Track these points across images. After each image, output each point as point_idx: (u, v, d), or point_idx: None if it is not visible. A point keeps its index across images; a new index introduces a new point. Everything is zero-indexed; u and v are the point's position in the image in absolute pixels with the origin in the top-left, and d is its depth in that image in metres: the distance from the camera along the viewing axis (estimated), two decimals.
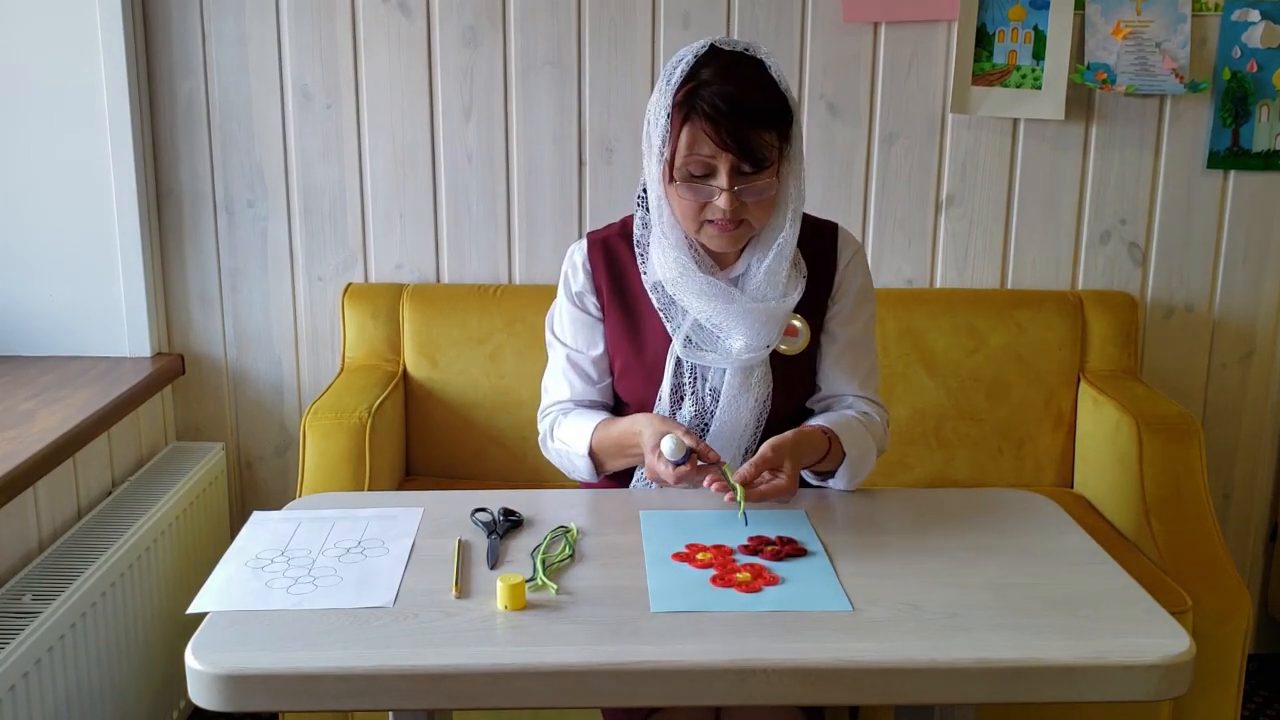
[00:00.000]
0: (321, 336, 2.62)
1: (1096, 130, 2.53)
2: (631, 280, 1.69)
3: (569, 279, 1.72)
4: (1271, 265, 2.59)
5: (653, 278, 1.65)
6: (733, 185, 1.52)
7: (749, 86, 1.52)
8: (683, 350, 1.64)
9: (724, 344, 1.63)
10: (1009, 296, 2.54)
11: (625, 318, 1.70)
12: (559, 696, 1.20)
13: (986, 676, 1.20)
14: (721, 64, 1.53)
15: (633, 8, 2.46)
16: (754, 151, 1.52)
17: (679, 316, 1.64)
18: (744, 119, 1.50)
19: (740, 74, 1.52)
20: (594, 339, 1.71)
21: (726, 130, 1.50)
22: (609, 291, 1.70)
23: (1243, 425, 2.67)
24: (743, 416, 1.65)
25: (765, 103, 1.53)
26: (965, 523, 1.55)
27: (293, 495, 2.31)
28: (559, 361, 1.74)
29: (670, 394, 1.66)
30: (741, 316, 1.60)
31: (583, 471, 1.69)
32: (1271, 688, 2.66)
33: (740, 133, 1.50)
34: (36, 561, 1.99)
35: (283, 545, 1.47)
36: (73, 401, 2.19)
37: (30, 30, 2.35)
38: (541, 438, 1.75)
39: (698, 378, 1.66)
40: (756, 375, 1.64)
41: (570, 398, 1.72)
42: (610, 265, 1.70)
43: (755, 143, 1.51)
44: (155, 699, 2.24)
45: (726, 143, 1.50)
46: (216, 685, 1.18)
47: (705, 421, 1.66)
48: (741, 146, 1.51)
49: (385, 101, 2.51)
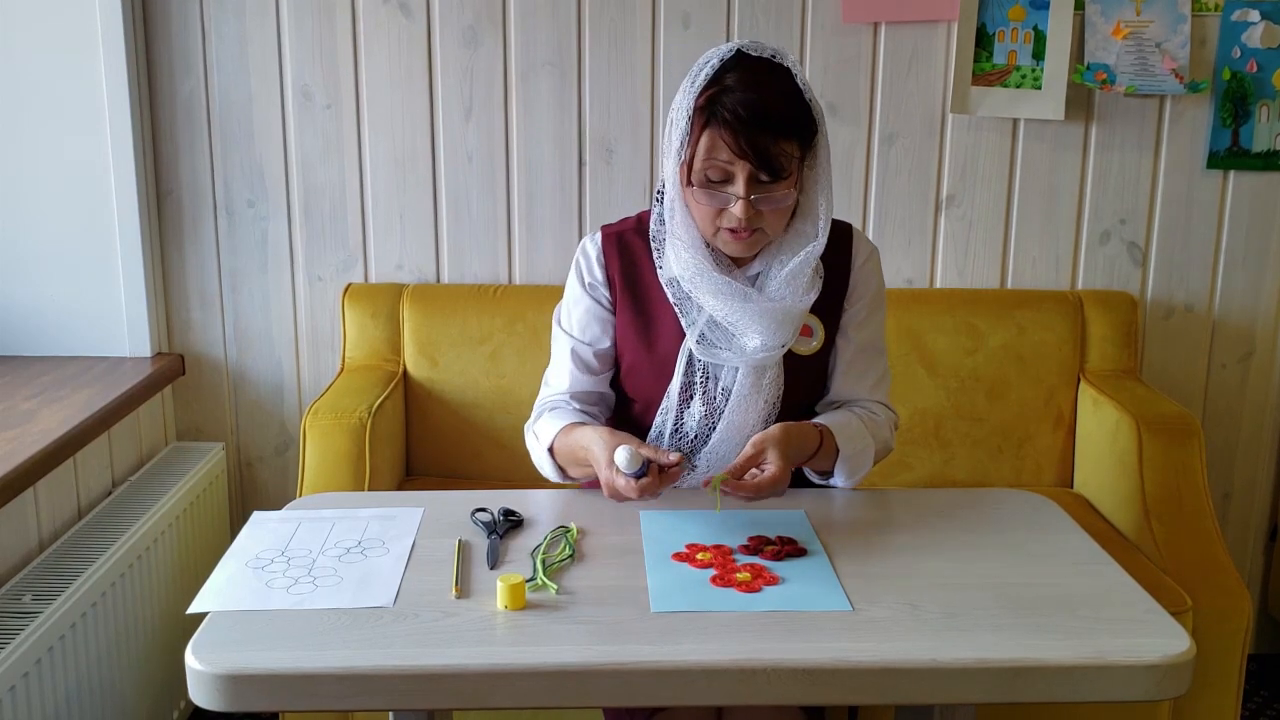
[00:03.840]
0: (321, 337, 2.62)
1: (1096, 130, 2.53)
2: (646, 275, 1.68)
3: (581, 269, 1.71)
4: (1271, 265, 2.59)
5: (668, 273, 1.64)
6: (749, 194, 1.51)
7: (772, 95, 1.50)
8: (697, 347, 1.62)
9: (739, 342, 1.61)
10: (1009, 296, 2.54)
11: (637, 313, 1.68)
12: (559, 696, 1.20)
13: (986, 676, 1.21)
14: (747, 70, 1.51)
15: (633, 8, 2.47)
16: (772, 161, 1.50)
17: (694, 313, 1.63)
18: (764, 128, 1.49)
19: (764, 82, 1.50)
20: (603, 331, 1.70)
21: (745, 139, 1.48)
22: (622, 285, 1.68)
23: (1243, 425, 2.67)
24: (751, 417, 1.64)
25: (787, 112, 1.51)
26: (965, 523, 1.55)
27: (293, 495, 2.31)
28: (563, 352, 1.72)
29: (680, 391, 1.65)
30: (758, 316, 1.59)
31: (548, 469, 1.67)
32: (1272, 688, 2.66)
33: (759, 142, 1.49)
34: (36, 562, 1.99)
35: (283, 545, 1.47)
36: (73, 401, 2.19)
37: (30, 30, 2.35)
38: (527, 428, 1.73)
39: (709, 376, 1.64)
40: (769, 376, 1.63)
41: (568, 389, 1.70)
42: (624, 259, 1.69)
43: (774, 152, 1.50)
44: (155, 699, 2.24)
45: (745, 151, 1.49)
46: (217, 685, 1.18)
47: (714, 421, 1.65)
48: (760, 156, 1.49)
49: (385, 102, 2.51)
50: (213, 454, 2.53)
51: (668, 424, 1.66)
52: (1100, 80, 2.46)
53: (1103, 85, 2.46)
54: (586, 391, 1.71)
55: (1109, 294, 2.57)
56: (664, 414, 1.67)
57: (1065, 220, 2.57)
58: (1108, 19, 2.45)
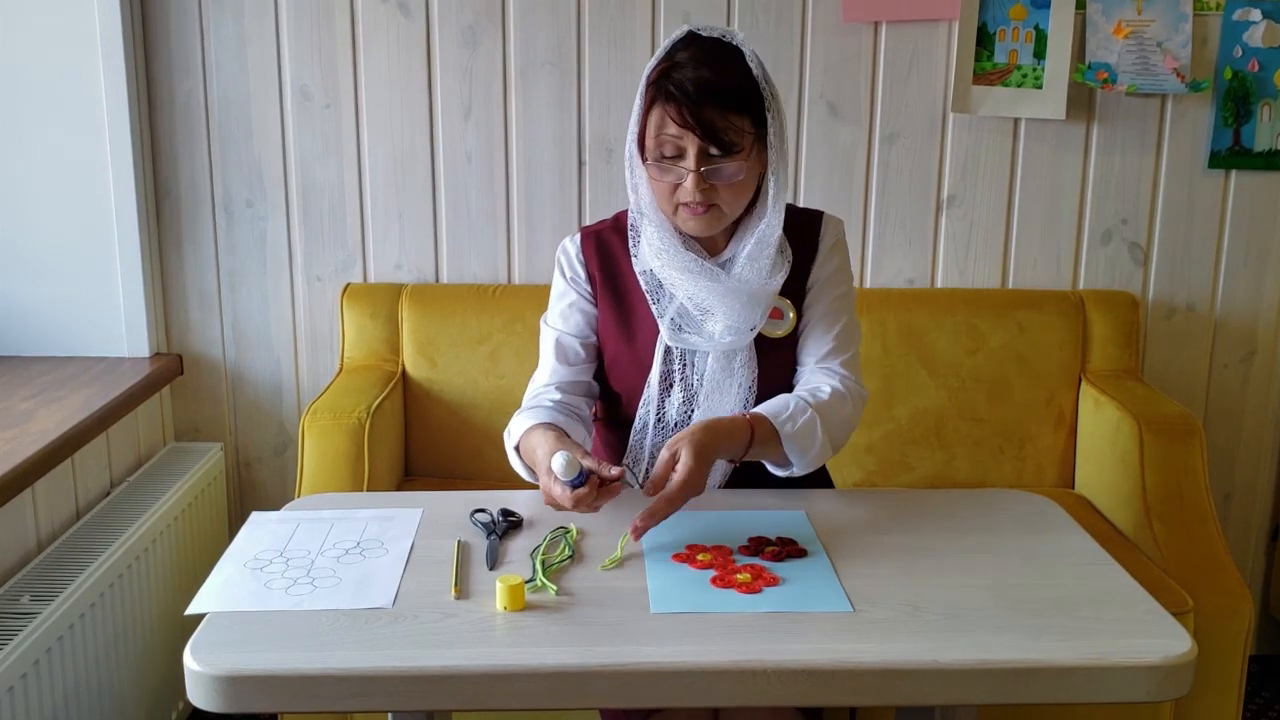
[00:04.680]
0: (320, 337, 2.61)
1: (1097, 130, 2.52)
2: (623, 270, 1.71)
3: (563, 265, 1.75)
4: (1273, 265, 2.59)
5: (643, 264, 1.68)
6: (700, 166, 1.54)
7: (719, 70, 1.54)
8: (668, 334, 1.65)
9: (707, 328, 1.64)
10: (1010, 296, 2.54)
11: (617, 307, 1.71)
12: (559, 697, 1.20)
13: (987, 677, 1.20)
14: (697, 48, 1.56)
15: (632, 8, 2.46)
16: (719, 134, 1.53)
17: (665, 301, 1.66)
18: (710, 101, 1.52)
19: (712, 59, 1.55)
20: (586, 323, 1.73)
21: (690, 111, 1.52)
22: (601, 280, 1.72)
23: (1244, 425, 2.67)
24: (727, 403, 1.65)
25: (735, 86, 1.54)
26: (965, 523, 1.55)
27: (292, 495, 2.31)
28: (547, 345, 1.75)
29: (660, 381, 1.67)
30: (724, 295, 1.62)
31: (519, 468, 1.66)
32: (1273, 689, 2.65)
33: (705, 114, 1.52)
34: (35, 562, 1.99)
35: (282, 546, 1.46)
36: (71, 401, 2.18)
37: (29, 30, 2.34)
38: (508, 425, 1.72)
39: (687, 364, 1.67)
40: (740, 360, 1.65)
41: (551, 380, 1.72)
42: (603, 256, 1.72)
43: (721, 125, 1.53)
44: (154, 700, 2.24)
45: (689, 123, 1.53)
46: (215, 686, 1.18)
47: (691, 409, 1.67)
48: (705, 128, 1.52)
49: (385, 101, 2.50)
50: (211, 454, 2.52)
51: (650, 414, 1.68)
52: (1101, 80, 2.46)
53: (1104, 85, 2.46)
54: (570, 381, 1.72)
55: (1110, 294, 2.56)
56: (646, 404, 1.68)
57: (1066, 220, 2.57)
58: (1109, 18, 2.45)
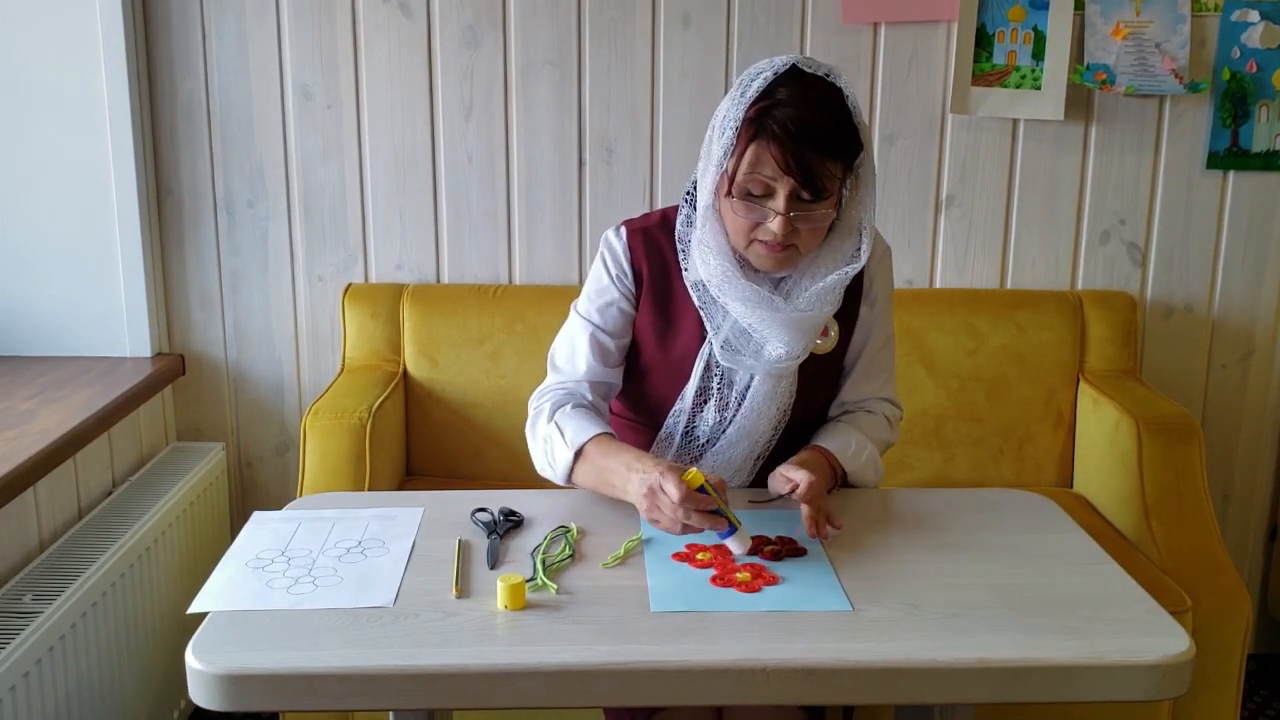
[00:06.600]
0: (322, 336, 2.62)
1: (1096, 130, 2.53)
2: (671, 274, 1.65)
3: (608, 261, 1.67)
4: (1271, 265, 2.59)
5: (694, 275, 1.61)
6: (789, 210, 1.49)
7: (823, 114, 1.48)
8: (720, 352, 1.61)
9: (761, 350, 1.60)
10: (1009, 296, 2.54)
11: (658, 312, 1.66)
12: (559, 696, 1.20)
13: (986, 676, 1.21)
14: (800, 86, 1.48)
15: (633, 8, 2.47)
16: (816, 180, 1.48)
17: (719, 317, 1.61)
18: (813, 146, 1.47)
19: (816, 100, 1.48)
20: (625, 325, 1.68)
21: (793, 155, 1.46)
22: (650, 282, 1.66)
23: (1242, 425, 2.67)
24: (763, 423, 1.64)
25: (837, 132, 1.49)
26: (965, 523, 1.55)
27: (293, 495, 2.31)
28: (582, 338, 1.67)
29: (695, 395, 1.64)
30: (785, 325, 1.57)
31: (559, 468, 1.61)
32: (1271, 688, 2.66)
33: (806, 159, 1.47)
34: (37, 561, 1.99)
35: (283, 545, 1.47)
36: (73, 401, 2.19)
37: (30, 30, 2.35)
38: (533, 417, 1.68)
39: (725, 381, 1.64)
40: (785, 384, 1.63)
41: (585, 376, 1.66)
42: (651, 255, 1.66)
43: (819, 171, 1.48)
44: (156, 699, 2.24)
45: (791, 167, 1.47)
46: (217, 685, 1.18)
47: (724, 427, 1.65)
48: (805, 174, 1.47)
49: (385, 101, 2.51)
50: (213, 454, 2.53)
51: (679, 426, 1.66)
52: (1100, 80, 2.46)
53: (1102, 85, 2.46)
54: (602, 382, 1.68)
55: (1109, 294, 2.57)
56: (676, 416, 1.66)
57: (1065, 220, 2.57)
58: (1107, 19, 2.45)
